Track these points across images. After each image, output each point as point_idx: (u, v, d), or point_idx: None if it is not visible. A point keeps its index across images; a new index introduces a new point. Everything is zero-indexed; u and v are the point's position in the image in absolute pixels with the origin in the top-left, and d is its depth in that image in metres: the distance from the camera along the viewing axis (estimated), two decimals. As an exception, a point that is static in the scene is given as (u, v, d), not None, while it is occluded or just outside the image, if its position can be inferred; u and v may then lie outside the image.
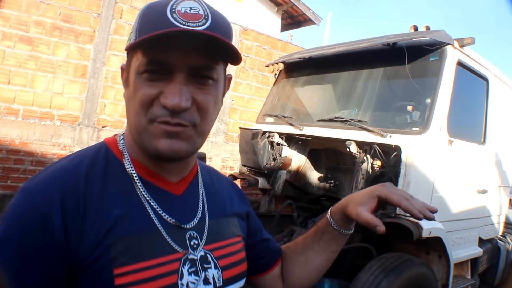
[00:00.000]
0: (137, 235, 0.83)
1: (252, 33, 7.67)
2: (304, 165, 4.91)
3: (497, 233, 5.22)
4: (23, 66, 5.41)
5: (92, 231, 0.79)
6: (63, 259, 0.76)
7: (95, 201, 0.81)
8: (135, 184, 0.89)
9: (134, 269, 0.80)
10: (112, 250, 0.79)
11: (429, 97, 3.62)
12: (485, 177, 4.45)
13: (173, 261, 0.86)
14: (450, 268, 3.82)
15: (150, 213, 0.87)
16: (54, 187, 0.80)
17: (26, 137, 5.48)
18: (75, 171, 0.84)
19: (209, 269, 0.93)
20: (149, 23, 0.82)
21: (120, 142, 0.94)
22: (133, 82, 0.85)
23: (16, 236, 0.75)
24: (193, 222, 0.95)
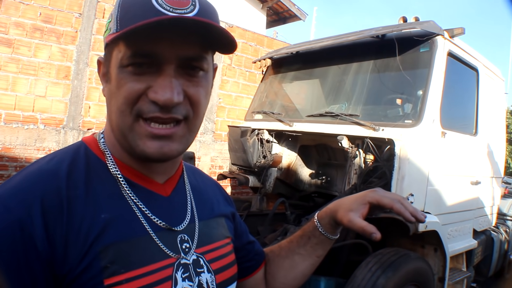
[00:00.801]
0: (127, 241, 0.76)
1: (238, 30, 7.57)
2: (295, 162, 4.84)
3: (490, 224, 5.21)
4: (3, 69, 5.25)
5: (79, 239, 0.71)
6: (47, 270, 0.68)
7: (80, 205, 0.73)
8: (121, 186, 0.81)
9: (127, 278, 0.73)
10: (101, 258, 0.72)
11: (421, 89, 3.56)
12: (478, 168, 4.42)
13: (166, 267, 0.80)
14: (446, 261, 3.78)
15: (139, 216, 0.80)
16: (31, 192, 0.71)
17: (9, 142, 5.33)
18: (54, 172, 0.76)
19: (202, 273, 0.87)
20: (132, 11, 0.73)
21: (101, 141, 0.85)
22: (116, 77, 0.77)
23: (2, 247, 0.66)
24: (183, 224, 0.88)
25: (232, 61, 7.46)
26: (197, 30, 0.74)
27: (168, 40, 0.73)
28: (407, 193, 3.29)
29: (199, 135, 6.99)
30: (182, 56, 0.76)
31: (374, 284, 3.02)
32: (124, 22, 0.73)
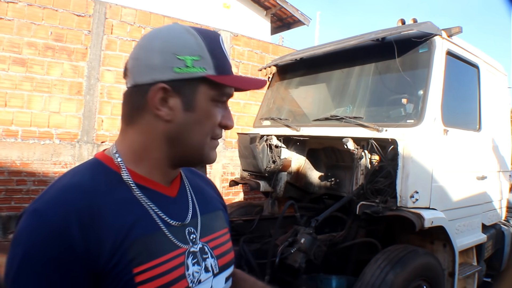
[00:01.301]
0: (147, 237, 0.90)
1: (243, 38, 7.71)
2: (304, 165, 4.95)
3: (500, 218, 5.25)
4: (18, 87, 5.44)
5: (109, 239, 0.84)
6: (85, 269, 0.81)
7: (106, 211, 0.86)
8: (134, 192, 0.94)
9: (150, 267, 0.87)
10: (129, 252, 0.85)
11: (421, 89, 3.66)
12: (484, 163, 4.49)
13: (179, 256, 0.95)
14: (455, 256, 3.85)
15: (153, 216, 0.94)
16: (66, 203, 0.84)
17: (27, 157, 5.51)
18: (80, 185, 0.89)
19: (207, 259, 1.03)
20: (223, 61, 0.99)
21: (116, 156, 0.98)
22: (205, 107, 0.98)
23: (38, 256, 0.78)
24: (188, 219, 1.03)
25: (238, 69, 7.60)
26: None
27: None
28: (412, 191, 3.39)
29: (210, 143, 7.13)
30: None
31: (383, 280, 3.11)
32: (222, 70, 0.97)
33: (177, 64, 0.93)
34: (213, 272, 1.04)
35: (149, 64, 0.94)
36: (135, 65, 0.96)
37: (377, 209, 3.40)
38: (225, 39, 7.37)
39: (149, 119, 0.96)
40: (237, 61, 7.55)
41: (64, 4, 5.72)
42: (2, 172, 5.38)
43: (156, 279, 0.87)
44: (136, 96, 0.96)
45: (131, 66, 0.97)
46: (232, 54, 7.49)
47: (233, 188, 7.14)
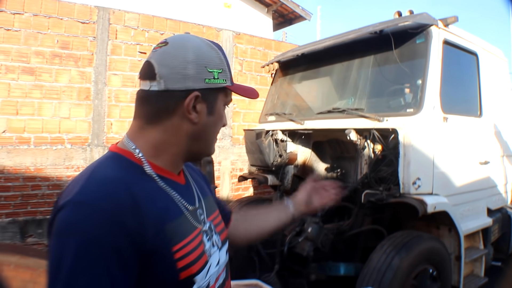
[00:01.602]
0: (176, 220, 1.05)
1: (245, 36, 7.81)
2: (309, 158, 5.06)
3: (505, 202, 5.31)
4: (28, 96, 5.59)
5: (150, 223, 0.95)
6: (137, 252, 0.92)
7: (142, 199, 0.97)
8: (156, 182, 1.06)
9: (182, 245, 1.02)
10: (167, 233, 0.99)
11: (419, 78, 3.75)
12: (486, 148, 4.56)
13: (198, 234, 1.11)
14: (460, 240, 3.94)
15: (177, 202, 1.09)
16: (112, 194, 0.93)
17: (40, 163, 5.67)
18: (117, 178, 0.98)
19: (213, 235, 1.19)
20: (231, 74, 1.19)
21: (136, 151, 1.07)
22: (220, 111, 1.18)
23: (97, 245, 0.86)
24: (197, 202, 1.18)
25: (242, 67, 7.70)
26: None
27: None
28: (414, 178, 3.49)
29: (218, 141, 7.24)
30: None
31: (389, 265, 3.22)
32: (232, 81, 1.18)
33: (207, 76, 1.09)
34: (218, 246, 1.20)
35: (184, 73, 1.06)
36: (170, 73, 1.05)
37: (381, 197, 3.50)
38: (228, 38, 7.48)
39: (176, 120, 1.09)
40: (240, 59, 7.66)
41: (68, 13, 5.86)
42: (17, 178, 5.54)
43: (188, 255, 1.02)
44: (167, 99, 1.07)
45: (165, 73, 1.05)
46: (235, 53, 7.60)
47: (243, 183, 7.26)
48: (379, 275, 3.19)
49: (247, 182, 7.00)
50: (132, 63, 6.40)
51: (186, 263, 1.02)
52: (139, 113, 1.12)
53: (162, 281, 0.98)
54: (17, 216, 5.55)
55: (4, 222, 5.45)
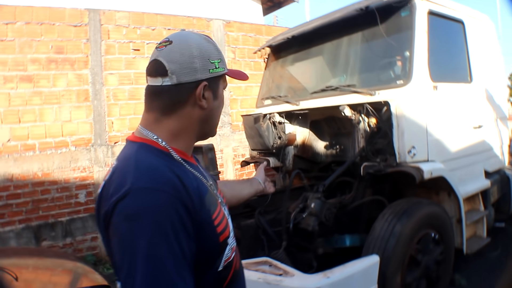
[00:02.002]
0: (208, 194, 1.25)
1: (236, 24, 7.87)
2: (308, 137, 5.17)
3: (503, 164, 5.42)
4: (29, 103, 5.70)
5: (196, 198, 1.15)
6: (192, 220, 1.12)
7: (185, 180, 1.16)
8: (186, 166, 1.26)
9: (217, 214, 1.24)
10: (205, 205, 1.19)
11: (407, 50, 3.86)
12: (479, 113, 4.67)
13: (222, 205, 1.34)
14: (460, 204, 4.07)
15: (202, 179, 1.29)
16: (167, 178, 1.12)
17: (47, 167, 5.80)
18: (160, 164, 1.17)
19: (225, 207, 1.40)
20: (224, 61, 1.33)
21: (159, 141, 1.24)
22: (222, 95, 1.36)
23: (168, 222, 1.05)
24: (209, 180, 1.37)
25: (235, 54, 7.78)
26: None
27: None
28: (409, 147, 3.61)
29: (218, 129, 7.32)
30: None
31: (391, 232, 3.35)
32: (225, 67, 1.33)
33: (211, 67, 1.27)
34: (229, 215, 1.39)
35: (193, 67, 1.22)
36: (180, 68, 1.21)
37: (379, 168, 3.63)
38: (218, 27, 7.56)
39: (189, 108, 1.26)
40: (232, 47, 7.74)
41: (59, 18, 5.94)
42: (26, 184, 5.68)
43: (221, 222, 1.25)
44: (180, 91, 1.23)
45: (176, 69, 1.21)
46: (227, 41, 7.68)
47: (246, 168, 7.38)
48: (383, 242, 3.33)
49: (250, 166, 7.12)
50: (127, 61, 6.49)
51: (222, 228, 1.24)
52: (152, 106, 1.27)
53: (210, 245, 1.20)
54: (30, 222, 5.70)
55: (18, 229, 5.61)
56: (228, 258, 1.28)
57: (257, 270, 2.95)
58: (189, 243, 1.09)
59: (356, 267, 2.99)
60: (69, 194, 5.97)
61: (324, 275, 2.80)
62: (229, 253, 1.28)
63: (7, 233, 5.52)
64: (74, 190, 6.01)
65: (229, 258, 1.28)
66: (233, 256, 1.32)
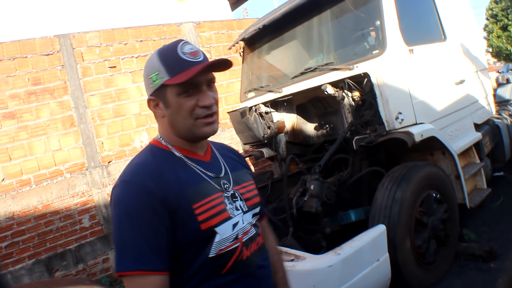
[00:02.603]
0: (197, 185, 1.39)
1: (206, 24, 7.86)
2: (297, 122, 5.20)
3: (490, 114, 5.49)
4: (16, 139, 5.68)
5: (173, 188, 1.32)
6: (162, 205, 1.28)
7: (168, 172, 1.36)
8: (184, 161, 1.44)
9: (202, 203, 1.35)
10: (187, 195, 1.34)
11: (377, 20, 3.89)
12: (458, 68, 4.71)
13: (219, 197, 1.42)
14: (455, 160, 4.13)
15: (199, 172, 1.43)
16: (142, 171, 1.35)
17: (46, 199, 5.80)
18: (145, 160, 1.41)
19: (237, 201, 1.48)
20: (176, 64, 1.36)
21: (162, 141, 1.48)
22: (175, 102, 1.38)
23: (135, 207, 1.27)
24: (222, 174, 1.50)
25: (211, 54, 7.75)
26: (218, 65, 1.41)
27: (201, 75, 1.36)
28: (396, 113, 3.65)
29: (208, 132, 7.37)
30: (208, 79, 1.41)
31: (393, 199, 3.40)
32: (175, 71, 1.35)
33: (150, 82, 1.42)
34: (242, 210, 1.48)
35: (146, 86, 1.46)
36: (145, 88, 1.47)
37: (370, 139, 3.67)
38: (189, 30, 7.54)
39: (158, 117, 1.48)
40: (207, 47, 7.73)
41: (30, 49, 5.92)
42: (29, 220, 5.68)
43: (208, 210, 1.35)
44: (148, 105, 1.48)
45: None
46: (201, 42, 7.66)
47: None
48: (387, 211, 3.38)
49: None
50: (105, 80, 6.47)
51: (206, 217, 1.34)
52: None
53: (189, 230, 1.32)
54: (39, 255, 5.70)
55: (29, 265, 5.61)
56: (225, 248, 1.38)
57: (269, 259, 2.98)
58: (159, 227, 1.27)
59: (364, 239, 3.04)
60: (72, 221, 5.97)
61: (335, 253, 2.85)
62: (226, 242, 1.39)
63: (19, 271, 5.52)
64: (77, 216, 6.01)
65: (227, 248, 1.38)
66: (235, 247, 1.41)
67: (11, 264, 5.49)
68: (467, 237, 4.37)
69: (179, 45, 1.39)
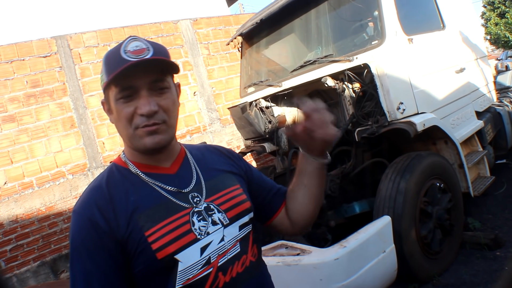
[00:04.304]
0: (153, 207, 1.21)
1: (203, 20, 7.82)
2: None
3: (492, 101, 5.47)
4: (17, 142, 5.67)
5: (122, 216, 1.17)
6: (112, 239, 1.15)
7: (118, 198, 1.21)
8: (141, 177, 1.26)
9: (158, 228, 1.17)
10: (139, 222, 1.17)
11: (375, 10, 3.86)
12: (458, 56, 4.68)
13: (184, 215, 1.22)
14: (458, 149, 4.11)
15: (158, 190, 1.25)
16: (89, 200, 1.21)
17: (49, 201, 5.79)
18: (98, 185, 1.25)
19: (213, 214, 1.27)
20: (112, 65, 1.19)
21: (122, 156, 1.33)
22: (115, 108, 1.23)
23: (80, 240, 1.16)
24: (190, 186, 1.29)
25: (209, 50, 7.74)
26: (153, 64, 1.20)
27: (135, 75, 1.18)
28: (397, 103, 3.63)
29: (208, 127, 7.35)
30: (148, 81, 1.20)
31: (397, 190, 3.38)
32: (109, 72, 1.18)
33: (101, 82, 1.27)
34: (223, 223, 1.27)
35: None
36: None
37: (372, 130, 3.65)
38: (187, 27, 7.51)
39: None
40: (205, 43, 7.69)
41: (28, 51, 5.90)
42: (32, 222, 5.67)
43: (165, 235, 1.17)
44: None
45: None
46: (199, 38, 7.63)
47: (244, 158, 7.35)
48: (391, 202, 3.36)
49: (247, 156, 7.14)
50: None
51: (161, 244, 1.15)
52: None
53: (144, 261, 1.16)
54: (44, 257, 5.70)
55: (34, 267, 5.61)
56: (193, 277, 1.18)
57: (274, 255, 2.98)
58: (108, 261, 1.15)
59: (369, 231, 3.02)
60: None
61: (340, 246, 2.84)
62: (193, 270, 1.18)
63: (24, 274, 5.53)
64: (81, 217, 5.99)
65: (195, 277, 1.18)
66: (205, 274, 1.20)
67: (16, 267, 5.49)
68: (472, 226, 4.36)
69: (125, 42, 1.21)
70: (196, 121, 7.24)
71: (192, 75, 7.34)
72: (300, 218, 1.52)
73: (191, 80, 7.32)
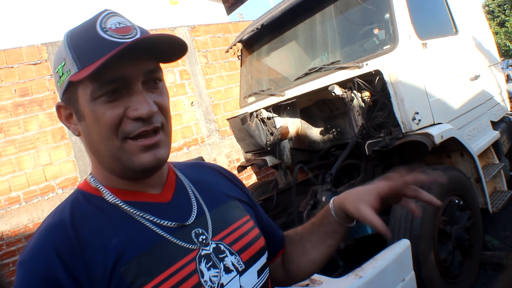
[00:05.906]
0: (146, 252, 0.83)
1: (201, 27, 7.57)
2: (301, 127, 4.89)
3: (506, 110, 5.23)
4: (3, 154, 5.37)
5: (98, 268, 0.78)
6: None
7: (90, 240, 0.81)
8: (123, 210, 0.88)
9: (155, 285, 0.80)
10: (126, 276, 0.79)
11: (386, 12, 3.58)
12: (472, 63, 4.43)
13: (189, 263, 0.86)
14: (475, 162, 3.82)
15: (150, 226, 0.87)
16: (46, 247, 0.80)
17: (37, 217, 5.47)
18: (60, 223, 0.84)
19: (225, 258, 0.92)
20: (88, 48, 0.82)
21: (91, 180, 0.93)
22: (90, 111, 0.84)
23: None
24: (191, 219, 0.93)
25: (207, 59, 7.47)
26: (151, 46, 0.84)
27: (131, 61, 0.82)
28: (412, 113, 3.33)
29: (206, 139, 7.06)
30: (146, 70, 0.84)
31: (414, 209, 3.08)
32: (86, 60, 0.81)
33: (57, 79, 0.88)
34: (237, 270, 0.93)
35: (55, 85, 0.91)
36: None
37: (385, 143, 3.35)
38: (184, 34, 7.24)
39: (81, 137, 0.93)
40: (203, 51, 7.43)
41: (17, 58, 5.62)
42: (19, 239, 5.36)
43: None
44: None
45: None
46: (196, 46, 7.36)
47: (244, 173, 7.07)
48: (407, 222, 3.06)
49: (248, 170, 6.84)
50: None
51: None
52: None
53: None
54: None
55: (21, 286, 5.29)
56: None
57: (280, 286, 2.66)
58: None
59: (388, 257, 2.68)
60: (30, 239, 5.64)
61: (356, 275, 2.51)
62: None
63: (10, 294, 5.21)
64: (71, 234, 5.69)
65: None
66: None
67: None
68: (490, 245, 4.06)
69: (100, 17, 0.84)
70: (193, 133, 6.93)
71: (189, 84, 7.05)
72: (301, 273, 1.22)
73: (189, 89, 7.02)
